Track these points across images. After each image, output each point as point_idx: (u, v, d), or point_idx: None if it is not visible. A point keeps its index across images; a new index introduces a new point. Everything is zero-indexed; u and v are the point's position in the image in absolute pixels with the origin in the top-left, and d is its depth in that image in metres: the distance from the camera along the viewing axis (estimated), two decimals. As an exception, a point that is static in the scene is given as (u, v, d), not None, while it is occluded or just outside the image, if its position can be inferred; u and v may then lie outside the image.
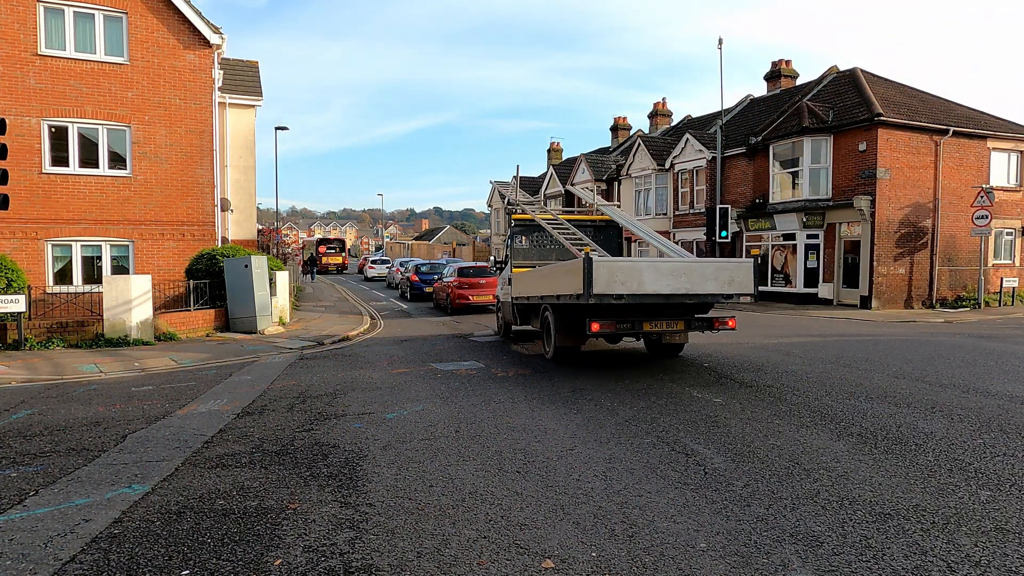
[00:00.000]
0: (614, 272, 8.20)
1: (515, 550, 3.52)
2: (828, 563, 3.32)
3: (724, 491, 4.38)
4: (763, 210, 24.03)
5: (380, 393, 7.94)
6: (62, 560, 3.47)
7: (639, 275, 8.32)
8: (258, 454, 5.41)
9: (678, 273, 8.42)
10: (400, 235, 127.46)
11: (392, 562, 3.39)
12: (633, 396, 7.50)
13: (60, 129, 15.35)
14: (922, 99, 23.32)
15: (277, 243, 41.69)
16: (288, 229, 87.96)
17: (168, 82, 16.10)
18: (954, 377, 8.41)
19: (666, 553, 3.46)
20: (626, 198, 32.81)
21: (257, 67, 23.09)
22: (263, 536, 3.74)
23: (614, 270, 8.26)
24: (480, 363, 10.15)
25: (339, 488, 4.54)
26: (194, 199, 16.55)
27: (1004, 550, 3.46)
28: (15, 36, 14.76)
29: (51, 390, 8.53)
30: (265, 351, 12.13)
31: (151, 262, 16.04)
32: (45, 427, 6.44)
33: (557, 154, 49.22)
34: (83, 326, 12.76)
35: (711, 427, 6.05)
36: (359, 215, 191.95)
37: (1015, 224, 22.85)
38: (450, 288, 19.68)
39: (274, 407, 7.25)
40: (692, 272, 8.52)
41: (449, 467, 4.98)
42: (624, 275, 8.28)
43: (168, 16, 15.98)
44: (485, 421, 6.43)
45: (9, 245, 14.85)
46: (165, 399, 7.77)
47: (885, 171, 20.22)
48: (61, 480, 4.78)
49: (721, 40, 24.46)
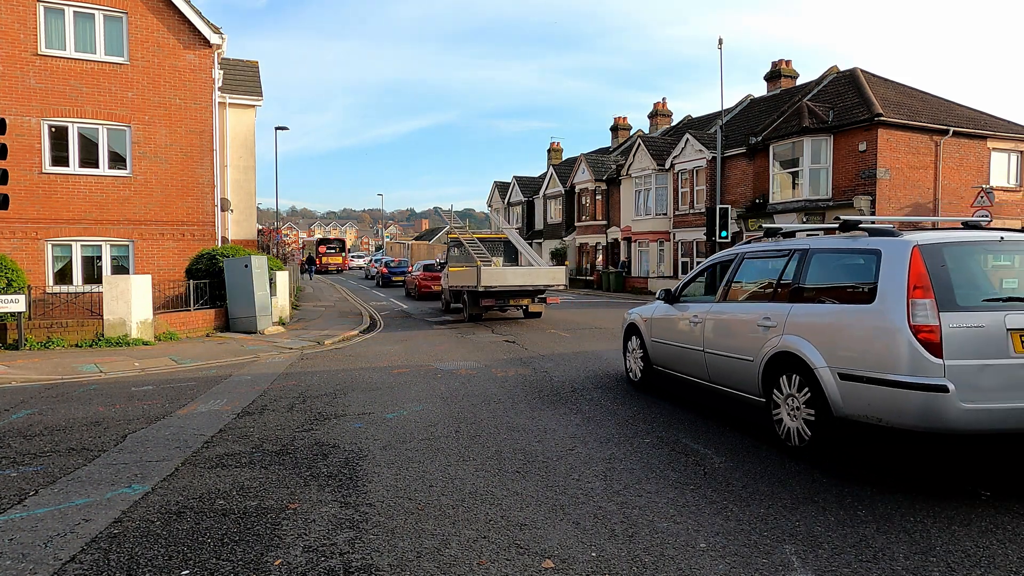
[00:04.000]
0: (491, 274, 15.44)
1: (515, 550, 3.52)
2: (828, 563, 3.32)
3: (724, 491, 4.38)
4: (763, 210, 24.04)
5: (380, 393, 7.94)
6: (62, 560, 3.47)
7: (504, 276, 15.71)
8: (258, 454, 5.42)
9: (525, 274, 16.09)
10: (400, 235, 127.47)
11: (392, 562, 3.39)
12: (633, 396, 7.50)
13: (60, 129, 15.35)
14: (922, 99, 23.33)
15: (277, 243, 41.68)
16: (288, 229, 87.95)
17: (168, 82, 16.10)
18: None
19: (666, 553, 3.46)
20: (626, 198, 32.82)
21: (257, 67, 23.09)
22: (263, 536, 3.74)
23: (491, 273, 15.44)
24: (480, 363, 10.16)
25: (339, 488, 4.54)
26: (194, 199, 16.55)
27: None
28: (15, 36, 14.76)
29: (51, 390, 8.52)
30: (265, 351, 12.13)
31: (151, 262, 16.04)
32: (45, 427, 6.44)
33: (557, 154, 49.25)
34: (83, 326, 12.75)
35: (710, 426, 6.05)
36: (359, 215, 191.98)
37: (1015, 224, 22.85)
38: (417, 280, 26.59)
39: (274, 407, 7.25)
40: (533, 274, 16.13)
41: (449, 467, 4.98)
42: (497, 276, 15.52)
43: (168, 16, 15.98)
44: (485, 421, 6.43)
45: (9, 245, 14.85)
46: (165, 399, 7.77)
47: (885, 171, 20.23)
48: (61, 480, 4.78)
49: (721, 40, 24.47)
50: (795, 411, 5.10)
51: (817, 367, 4.82)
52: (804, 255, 5.54)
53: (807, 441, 4.95)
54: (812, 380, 4.88)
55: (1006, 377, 4.16)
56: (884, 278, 4.54)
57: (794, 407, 5.11)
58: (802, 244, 5.71)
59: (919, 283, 4.34)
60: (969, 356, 4.18)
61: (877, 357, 4.46)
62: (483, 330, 15.01)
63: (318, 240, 66.18)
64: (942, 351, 4.17)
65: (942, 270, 4.38)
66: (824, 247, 5.43)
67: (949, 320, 4.21)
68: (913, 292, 4.33)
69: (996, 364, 4.17)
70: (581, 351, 11.33)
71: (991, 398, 4.13)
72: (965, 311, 4.25)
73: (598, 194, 35.30)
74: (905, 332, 4.27)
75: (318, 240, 66.18)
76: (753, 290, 6.21)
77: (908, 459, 4.98)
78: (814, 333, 4.99)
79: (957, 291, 4.33)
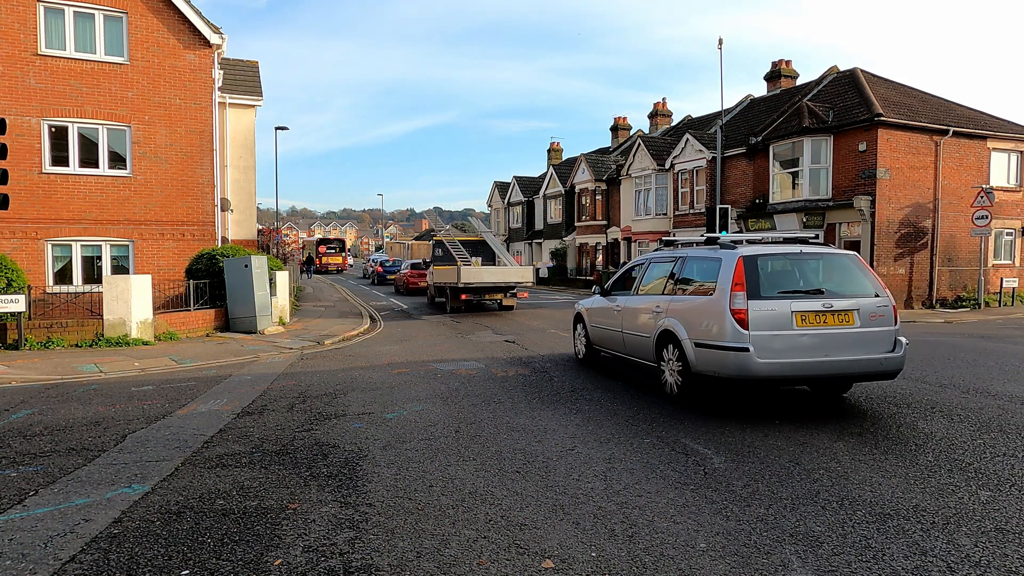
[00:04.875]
0: (469, 272, 18.34)
1: (515, 550, 3.52)
2: (828, 563, 3.32)
3: (724, 491, 4.38)
4: (763, 210, 24.03)
5: (380, 393, 7.94)
6: (62, 560, 3.47)
7: (480, 274, 18.50)
8: (258, 454, 5.41)
9: (498, 273, 18.90)
10: (400, 235, 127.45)
11: (392, 562, 3.39)
12: (633, 396, 7.51)
13: (60, 129, 15.35)
14: (922, 99, 23.32)
15: (277, 243, 41.71)
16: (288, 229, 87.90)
17: (168, 82, 16.10)
18: (954, 377, 8.42)
19: (666, 553, 3.46)
20: (626, 198, 32.81)
21: (257, 67, 23.09)
22: (263, 536, 3.74)
23: (469, 271, 18.35)
24: (480, 363, 10.16)
25: (339, 488, 4.54)
26: (194, 199, 16.55)
27: (1004, 550, 3.46)
28: (15, 36, 14.76)
29: (51, 390, 8.52)
30: (265, 351, 12.13)
31: (151, 262, 16.04)
32: (45, 427, 6.44)
33: (557, 154, 49.24)
34: (83, 326, 12.75)
35: (710, 426, 6.05)
36: (359, 215, 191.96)
37: (1015, 224, 22.85)
38: (404, 278, 30.10)
39: (274, 407, 7.25)
40: (505, 272, 19.02)
41: (449, 467, 4.98)
42: (474, 274, 18.39)
43: (168, 16, 15.98)
44: (485, 421, 6.43)
45: (9, 245, 14.85)
46: (165, 399, 7.77)
47: (885, 171, 20.22)
48: (61, 480, 4.78)
49: (721, 40, 24.46)
50: (672, 371, 7.18)
51: (683, 339, 6.88)
52: (683, 260, 7.62)
53: (678, 390, 7.08)
54: (680, 349, 6.94)
55: (789, 342, 6.23)
56: (721, 278, 6.58)
57: (672, 368, 7.19)
58: (683, 253, 7.80)
59: (738, 281, 6.37)
60: (765, 329, 6.20)
61: (715, 331, 6.46)
62: (483, 330, 15.01)
63: (318, 240, 66.12)
64: (748, 326, 6.19)
65: (753, 272, 6.42)
66: (694, 255, 7.50)
67: (754, 306, 6.25)
68: (735, 287, 6.35)
69: (783, 334, 6.22)
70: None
71: (779, 356, 6.17)
72: (765, 299, 6.30)
73: (598, 194, 35.30)
74: (728, 314, 6.30)
75: (318, 240, 66.12)
76: (652, 286, 8.21)
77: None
78: (682, 316, 7.08)
79: (761, 287, 6.37)
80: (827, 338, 6.24)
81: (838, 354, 6.24)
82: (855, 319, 6.34)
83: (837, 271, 6.83)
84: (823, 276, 6.80)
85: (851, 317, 6.33)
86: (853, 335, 6.31)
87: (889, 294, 6.73)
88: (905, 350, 6.45)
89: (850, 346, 6.29)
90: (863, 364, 6.32)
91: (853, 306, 6.38)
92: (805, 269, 6.80)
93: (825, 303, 6.32)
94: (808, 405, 6.93)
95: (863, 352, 6.32)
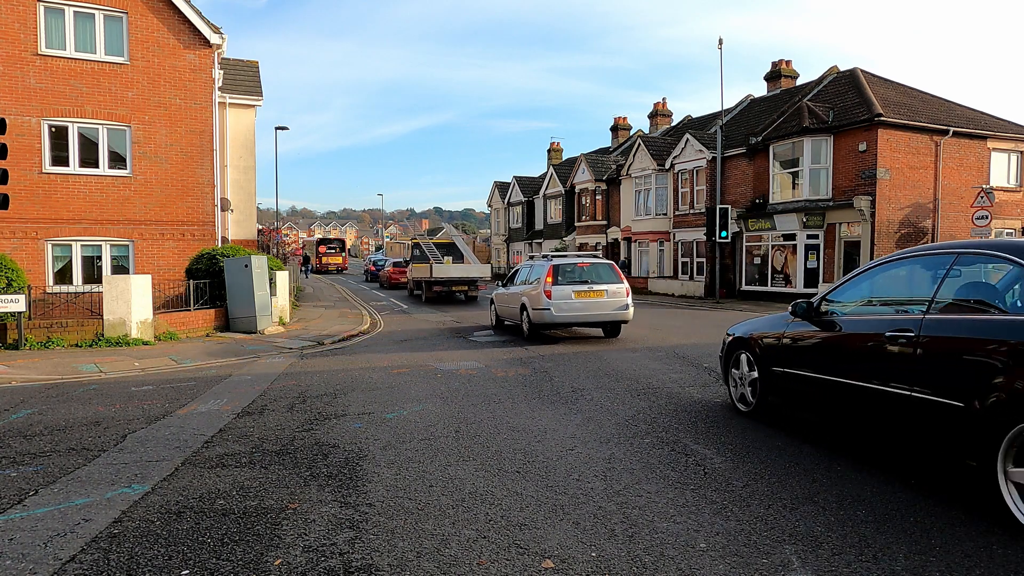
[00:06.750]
0: (440, 269, 23.12)
1: (515, 550, 3.52)
2: (828, 563, 3.32)
3: (724, 491, 4.38)
4: (763, 210, 24.03)
5: (380, 393, 7.94)
6: (62, 560, 3.47)
7: (448, 270, 23.25)
8: (258, 454, 5.41)
9: (463, 269, 23.72)
10: (400, 235, 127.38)
11: (392, 562, 3.39)
12: (633, 396, 7.51)
13: (60, 129, 15.36)
14: (922, 99, 23.33)
15: (277, 243, 41.74)
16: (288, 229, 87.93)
17: (168, 82, 16.11)
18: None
19: (666, 553, 3.46)
20: (626, 198, 32.81)
21: (257, 67, 23.09)
22: (263, 536, 3.73)
23: (440, 268, 23.13)
24: (480, 363, 10.16)
25: (339, 488, 4.54)
26: (194, 199, 16.55)
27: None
28: (15, 36, 14.76)
29: (51, 390, 8.52)
30: (265, 351, 12.13)
31: (151, 262, 16.04)
32: (45, 427, 6.43)
33: (557, 154, 49.24)
34: (83, 326, 12.75)
35: (709, 426, 6.05)
36: (359, 215, 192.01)
37: (1015, 224, 22.86)
38: (388, 274, 34.97)
39: (274, 407, 7.25)
40: (468, 269, 23.89)
41: (449, 467, 4.98)
42: (444, 270, 23.15)
43: (168, 16, 15.99)
44: (485, 421, 6.43)
45: (9, 245, 14.86)
46: (165, 399, 7.77)
47: (885, 171, 20.22)
48: (61, 480, 4.78)
49: (721, 40, 24.48)
50: (524, 322, 13.21)
51: (527, 307, 12.95)
52: (530, 267, 13.72)
53: (527, 334, 13.07)
54: (527, 312, 12.97)
55: (569, 306, 12.33)
56: (544, 275, 12.55)
57: (523, 321, 13.21)
58: (530, 263, 14.02)
59: (549, 276, 12.48)
60: (558, 299, 12.31)
61: (537, 302, 12.53)
62: (483, 330, 15.01)
63: (318, 240, 66.15)
64: (551, 298, 12.30)
65: (556, 271, 12.57)
66: (534, 264, 13.60)
67: (554, 290, 12.34)
68: (547, 280, 12.42)
69: (567, 302, 12.33)
70: (580, 351, 11.32)
71: (564, 312, 12.33)
72: (559, 286, 12.40)
73: (598, 194, 35.30)
74: (543, 294, 12.35)
75: (318, 240, 66.15)
76: (520, 281, 14.04)
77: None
78: (527, 295, 13.06)
79: (558, 279, 12.47)
80: (589, 303, 12.42)
81: (596, 311, 12.47)
82: (605, 295, 12.47)
83: (599, 271, 12.81)
84: (591, 274, 12.71)
85: (603, 294, 12.47)
86: (602, 302, 12.46)
87: (627, 284, 12.80)
88: (632, 310, 12.67)
89: (600, 308, 12.46)
90: (607, 316, 12.55)
91: (604, 288, 12.51)
92: (582, 270, 12.73)
93: (588, 287, 12.48)
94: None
95: (608, 310, 12.50)
